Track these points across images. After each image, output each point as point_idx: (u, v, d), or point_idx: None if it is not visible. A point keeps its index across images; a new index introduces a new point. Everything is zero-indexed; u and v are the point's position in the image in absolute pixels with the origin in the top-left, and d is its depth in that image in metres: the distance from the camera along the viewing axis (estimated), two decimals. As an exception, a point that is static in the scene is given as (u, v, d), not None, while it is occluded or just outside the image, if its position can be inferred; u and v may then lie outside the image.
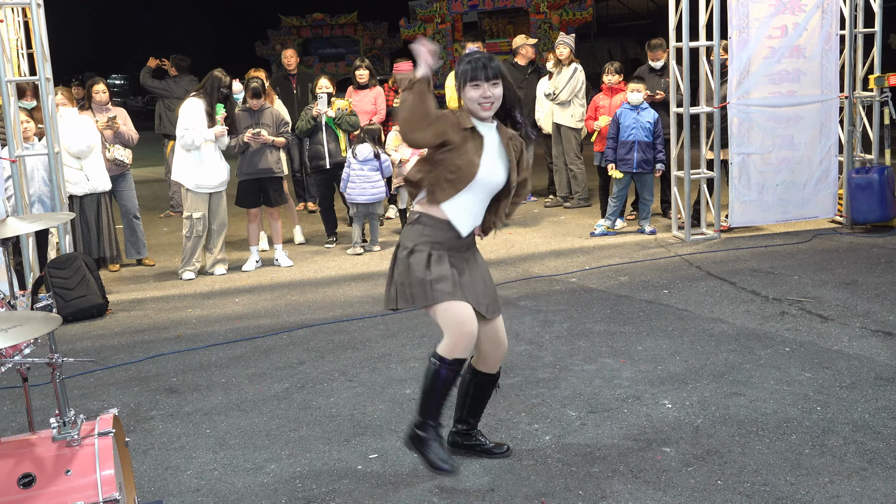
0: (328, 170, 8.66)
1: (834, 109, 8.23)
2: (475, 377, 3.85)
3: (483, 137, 3.59)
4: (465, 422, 3.97)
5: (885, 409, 4.26)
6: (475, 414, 3.96)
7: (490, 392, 3.92)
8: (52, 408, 4.06)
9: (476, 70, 3.54)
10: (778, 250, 7.66)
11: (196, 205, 7.68)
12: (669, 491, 3.58)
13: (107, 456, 2.87)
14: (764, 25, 7.93)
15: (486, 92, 3.54)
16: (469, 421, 3.96)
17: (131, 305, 7.12)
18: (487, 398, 3.94)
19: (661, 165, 8.48)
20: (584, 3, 22.99)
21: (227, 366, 5.48)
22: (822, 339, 5.29)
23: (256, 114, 7.96)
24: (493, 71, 3.54)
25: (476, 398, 3.92)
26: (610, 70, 9.14)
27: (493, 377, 3.86)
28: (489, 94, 3.54)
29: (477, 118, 3.61)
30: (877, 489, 3.51)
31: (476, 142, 3.57)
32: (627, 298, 6.40)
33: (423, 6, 24.18)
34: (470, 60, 3.59)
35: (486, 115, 3.60)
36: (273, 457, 4.13)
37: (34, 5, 6.99)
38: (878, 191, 8.00)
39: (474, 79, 3.54)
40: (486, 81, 3.54)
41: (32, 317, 2.92)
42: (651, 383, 4.74)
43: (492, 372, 3.84)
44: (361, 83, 9.84)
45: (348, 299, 6.88)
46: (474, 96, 3.55)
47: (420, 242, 3.58)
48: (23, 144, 7.18)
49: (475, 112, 3.59)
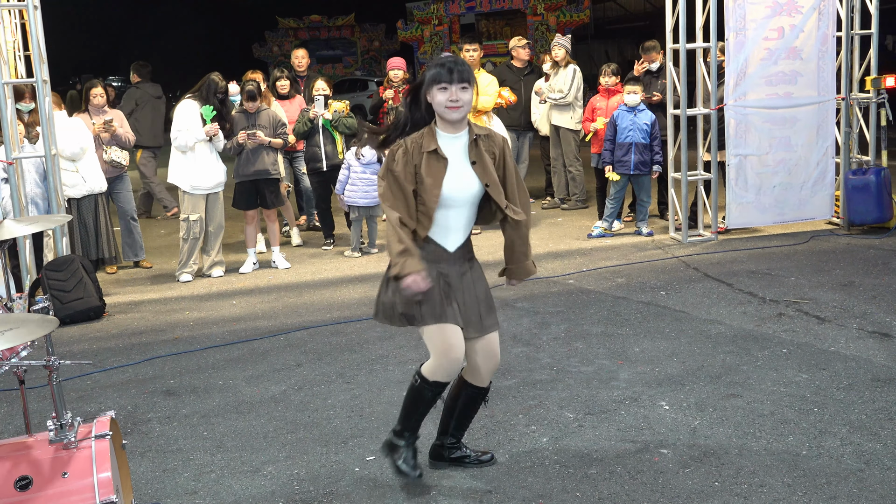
0: (325, 172, 8.66)
1: (831, 111, 8.24)
2: (465, 389, 3.77)
3: (446, 157, 3.50)
4: (451, 435, 3.90)
5: (881, 410, 4.26)
6: (461, 427, 3.89)
7: (478, 406, 3.84)
8: (49, 410, 4.06)
9: (442, 73, 3.45)
10: (775, 252, 7.67)
11: (192, 207, 7.68)
12: (667, 492, 3.58)
13: (104, 458, 2.86)
14: (761, 27, 7.94)
15: (454, 95, 3.44)
16: (456, 434, 3.90)
17: (128, 308, 7.12)
18: (475, 412, 3.87)
19: (658, 167, 8.49)
20: (581, 5, 23.04)
21: (225, 368, 5.48)
22: (819, 341, 5.29)
23: (253, 116, 7.96)
24: (462, 75, 3.45)
25: (464, 412, 3.84)
26: (607, 72, 9.16)
27: (482, 390, 3.78)
28: (456, 97, 3.45)
29: (445, 121, 3.52)
30: (874, 490, 3.51)
31: (439, 163, 3.48)
32: (625, 300, 6.40)
33: (421, 8, 24.21)
34: (439, 63, 3.50)
35: (455, 117, 3.49)
36: (270, 459, 4.13)
37: (31, 7, 6.99)
38: (875, 192, 8.01)
39: (440, 81, 3.45)
40: (453, 84, 3.44)
41: (29, 319, 2.92)
42: (648, 385, 4.75)
43: (481, 385, 3.75)
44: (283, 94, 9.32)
45: (346, 301, 6.88)
46: (441, 100, 3.45)
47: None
48: (19, 146, 7.17)
49: (442, 115, 3.50)
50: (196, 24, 37.50)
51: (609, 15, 33.06)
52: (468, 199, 3.56)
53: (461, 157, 3.54)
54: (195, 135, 7.54)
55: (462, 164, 3.54)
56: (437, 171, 3.49)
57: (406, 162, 3.48)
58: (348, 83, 25.02)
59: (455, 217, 3.56)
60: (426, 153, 3.49)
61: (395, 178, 3.48)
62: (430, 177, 3.47)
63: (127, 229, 8.46)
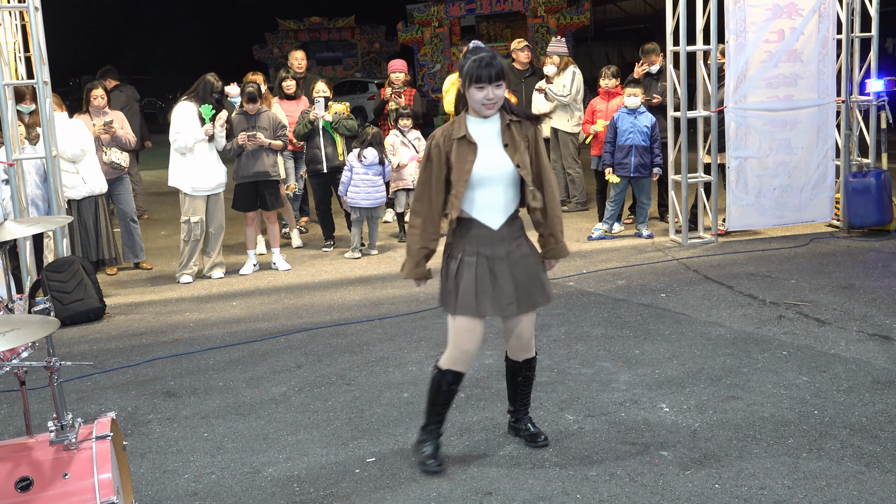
0: (325, 174, 8.66)
1: (831, 113, 8.24)
2: (506, 363, 4.09)
3: (475, 142, 3.73)
4: (510, 404, 4.19)
5: (882, 412, 4.26)
6: (514, 400, 4.15)
7: (519, 380, 4.07)
8: (50, 411, 4.06)
9: (480, 71, 3.65)
10: (775, 254, 7.67)
11: (193, 208, 7.68)
12: (667, 495, 3.58)
13: (104, 459, 2.87)
14: (761, 30, 7.95)
15: (490, 94, 3.68)
16: (514, 405, 4.16)
17: (129, 309, 7.12)
18: (520, 386, 4.10)
19: (658, 169, 8.49)
20: (581, 7, 23.05)
21: (225, 369, 5.48)
22: (820, 343, 5.30)
23: (253, 118, 7.96)
24: (496, 72, 3.65)
25: (511, 383, 4.12)
26: (607, 74, 9.16)
27: (518, 365, 4.02)
28: (492, 95, 3.68)
29: (479, 116, 3.76)
30: (874, 493, 3.51)
31: (469, 147, 3.73)
32: (625, 302, 6.40)
33: (421, 10, 24.22)
34: (475, 60, 3.68)
35: (489, 114, 3.75)
36: (271, 460, 4.13)
37: (32, 9, 6.99)
38: (875, 195, 8.02)
39: (478, 80, 3.66)
40: (490, 83, 3.66)
41: (30, 320, 2.92)
42: (648, 387, 4.75)
43: (516, 360, 4.01)
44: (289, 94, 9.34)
45: (346, 303, 6.88)
46: (478, 97, 3.69)
47: (456, 245, 3.82)
48: (20, 148, 7.17)
49: (478, 111, 3.74)
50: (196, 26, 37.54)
51: (609, 17, 33.07)
52: (503, 179, 3.76)
53: (494, 139, 3.76)
54: (194, 135, 7.54)
55: (495, 145, 3.76)
56: (467, 155, 3.72)
57: (438, 153, 3.76)
58: (348, 85, 25.03)
59: (493, 196, 3.76)
60: (455, 140, 3.74)
61: (429, 172, 3.79)
62: (459, 161, 3.72)
63: (127, 231, 8.46)
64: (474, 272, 3.75)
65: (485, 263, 3.76)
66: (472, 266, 3.75)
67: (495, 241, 3.77)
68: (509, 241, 3.79)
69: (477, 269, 3.75)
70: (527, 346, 3.97)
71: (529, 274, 3.83)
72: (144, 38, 39.35)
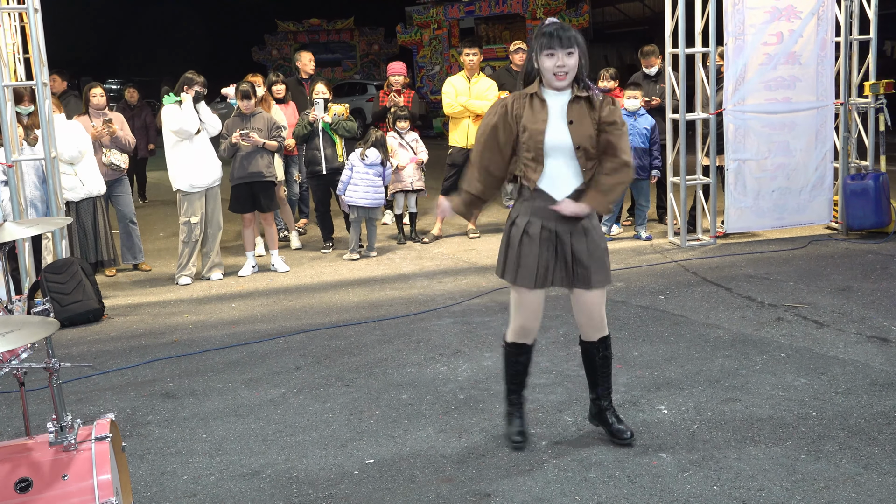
0: (324, 175, 8.66)
1: (829, 116, 8.25)
2: (581, 347, 4.06)
3: (546, 102, 3.69)
4: (591, 390, 4.13)
5: (880, 414, 4.27)
6: (593, 384, 4.09)
7: (595, 362, 4.02)
8: (49, 412, 4.06)
9: (552, 39, 3.60)
10: (773, 256, 7.68)
11: (192, 209, 7.68)
12: (665, 496, 3.59)
13: (104, 461, 2.87)
14: (760, 32, 7.96)
15: (560, 61, 3.62)
16: (594, 390, 4.10)
17: (128, 310, 7.12)
18: (599, 368, 4.04)
19: (657, 171, 8.50)
20: (580, 10, 23.05)
21: (224, 371, 5.48)
22: (818, 345, 5.30)
23: (248, 118, 7.95)
24: (568, 40, 3.60)
25: (588, 367, 4.08)
26: (605, 76, 9.17)
27: (590, 344, 3.99)
28: (563, 63, 3.62)
29: (551, 88, 3.70)
30: (872, 495, 3.52)
31: (542, 106, 3.69)
32: (623, 304, 6.41)
33: (420, 12, 24.22)
34: (545, 31, 3.66)
35: (561, 85, 3.68)
36: (269, 462, 4.13)
37: (31, 10, 6.99)
38: (873, 197, 8.02)
39: (549, 47, 3.61)
40: (562, 49, 3.61)
41: (29, 321, 2.92)
42: (647, 389, 4.75)
43: (588, 339, 3.99)
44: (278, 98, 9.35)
45: (345, 304, 6.89)
46: (549, 66, 3.65)
47: (521, 214, 3.80)
48: (19, 149, 7.17)
49: (549, 82, 3.69)
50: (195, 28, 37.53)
51: (608, 19, 33.09)
52: (567, 152, 3.72)
53: (560, 112, 3.72)
54: (189, 117, 7.54)
55: (560, 118, 3.72)
56: (540, 114, 3.70)
57: (506, 112, 3.73)
58: (347, 87, 25.03)
59: (557, 167, 3.74)
60: (528, 96, 3.71)
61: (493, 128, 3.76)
62: (533, 120, 3.69)
63: (126, 232, 8.46)
64: (537, 244, 3.73)
65: (548, 236, 3.74)
66: (536, 237, 3.73)
67: (559, 214, 3.74)
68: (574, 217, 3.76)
69: (540, 241, 3.74)
70: (599, 324, 3.94)
71: (591, 252, 3.80)
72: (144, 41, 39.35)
